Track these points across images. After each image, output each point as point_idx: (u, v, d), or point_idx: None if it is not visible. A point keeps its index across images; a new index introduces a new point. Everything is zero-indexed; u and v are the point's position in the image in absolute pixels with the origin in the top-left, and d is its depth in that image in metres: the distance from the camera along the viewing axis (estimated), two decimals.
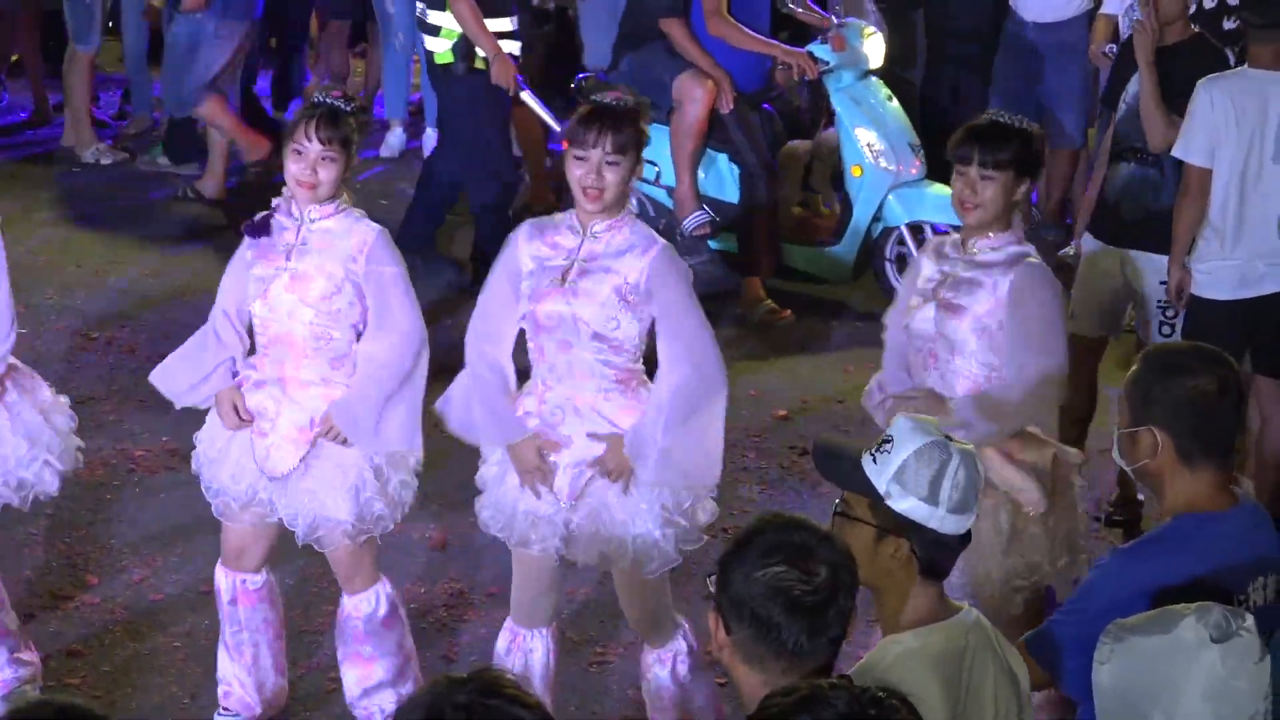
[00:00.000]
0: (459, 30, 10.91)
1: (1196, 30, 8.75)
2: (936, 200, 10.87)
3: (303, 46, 14.73)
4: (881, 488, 4.52)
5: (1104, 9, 11.31)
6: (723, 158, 11.25)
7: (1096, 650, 4.40)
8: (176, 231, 12.27)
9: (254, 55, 13.63)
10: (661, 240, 6.48)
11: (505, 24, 11.05)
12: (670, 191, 11.17)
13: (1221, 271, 8.12)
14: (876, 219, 11.32)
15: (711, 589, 4.19)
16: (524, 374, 6.64)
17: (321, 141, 6.59)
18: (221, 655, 7.04)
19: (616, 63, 11.34)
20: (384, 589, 6.97)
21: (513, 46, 11.10)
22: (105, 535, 8.41)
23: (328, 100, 6.72)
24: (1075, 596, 5.13)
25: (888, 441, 4.58)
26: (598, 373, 6.43)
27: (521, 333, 6.58)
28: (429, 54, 11.31)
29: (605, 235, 6.39)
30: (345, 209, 6.74)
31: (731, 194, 11.23)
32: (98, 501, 8.59)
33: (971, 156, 6.54)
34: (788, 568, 4.04)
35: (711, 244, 11.12)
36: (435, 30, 11.15)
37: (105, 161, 13.35)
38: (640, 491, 6.44)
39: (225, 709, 7.05)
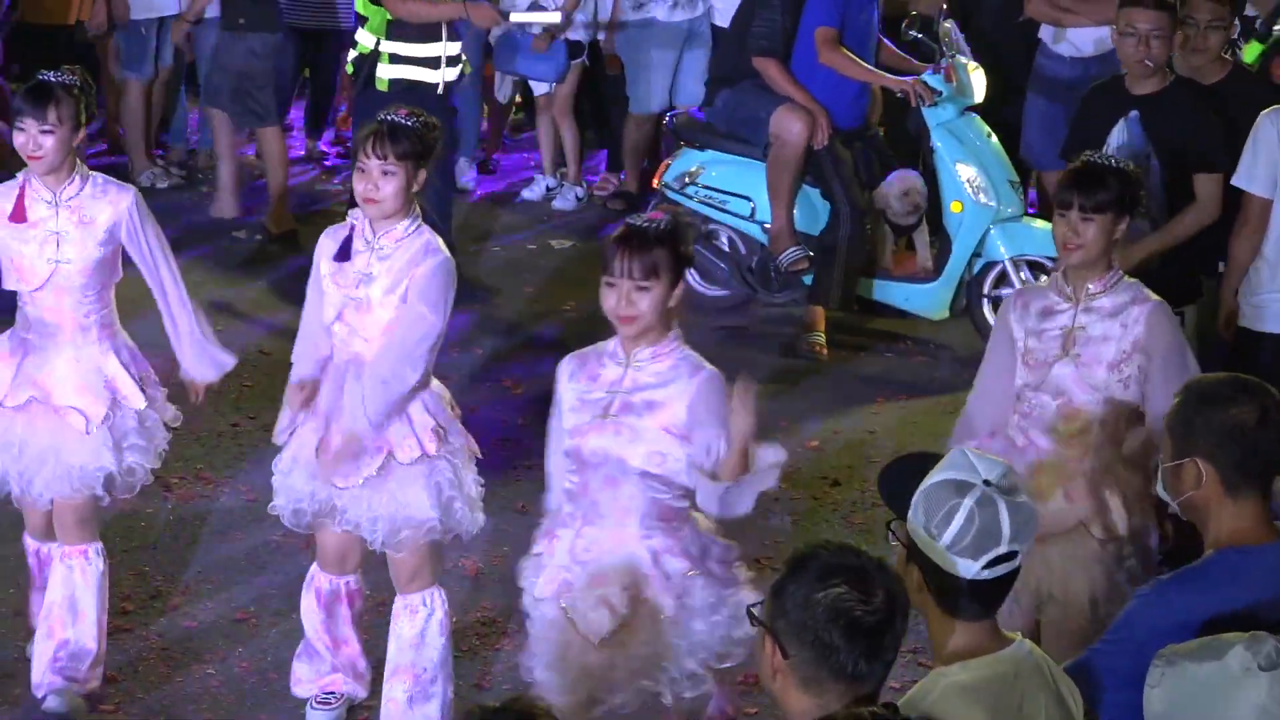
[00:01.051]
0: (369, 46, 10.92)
1: (1231, 61, 8.57)
2: (1040, 235, 10.73)
3: (336, 77, 14.58)
4: (911, 510, 4.45)
5: None
6: (815, 193, 11.11)
7: (1148, 674, 4.36)
8: (225, 257, 12.19)
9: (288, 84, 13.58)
10: (707, 368, 6.00)
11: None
12: (764, 227, 11.02)
13: (1273, 305, 7.95)
14: (976, 254, 11.15)
15: (758, 615, 4.13)
16: None
17: (379, 157, 6.59)
18: (311, 657, 7.11)
19: (711, 99, 11.33)
20: (440, 592, 7.02)
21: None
22: (140, 563, 8.28)
23: (390, 118, 6.72)
24: (1116, 627, 5.09)
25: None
26: (643, 510, 6.01)
27: None
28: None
29: (649, 364, 5.98)
30: (417, 227, 6.73)
31: (821, 229, 11.08)
32: (130, 529, 8.45)
33: (1072, 201, 6.52)
34: (848, 589, 3.99)
35: (806, 280, 10.97)
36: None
37: (161, 185, 13.29)
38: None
39: (328, 695, 7.14)
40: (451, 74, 10.93)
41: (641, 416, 5.92)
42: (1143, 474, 6.54)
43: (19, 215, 6.96)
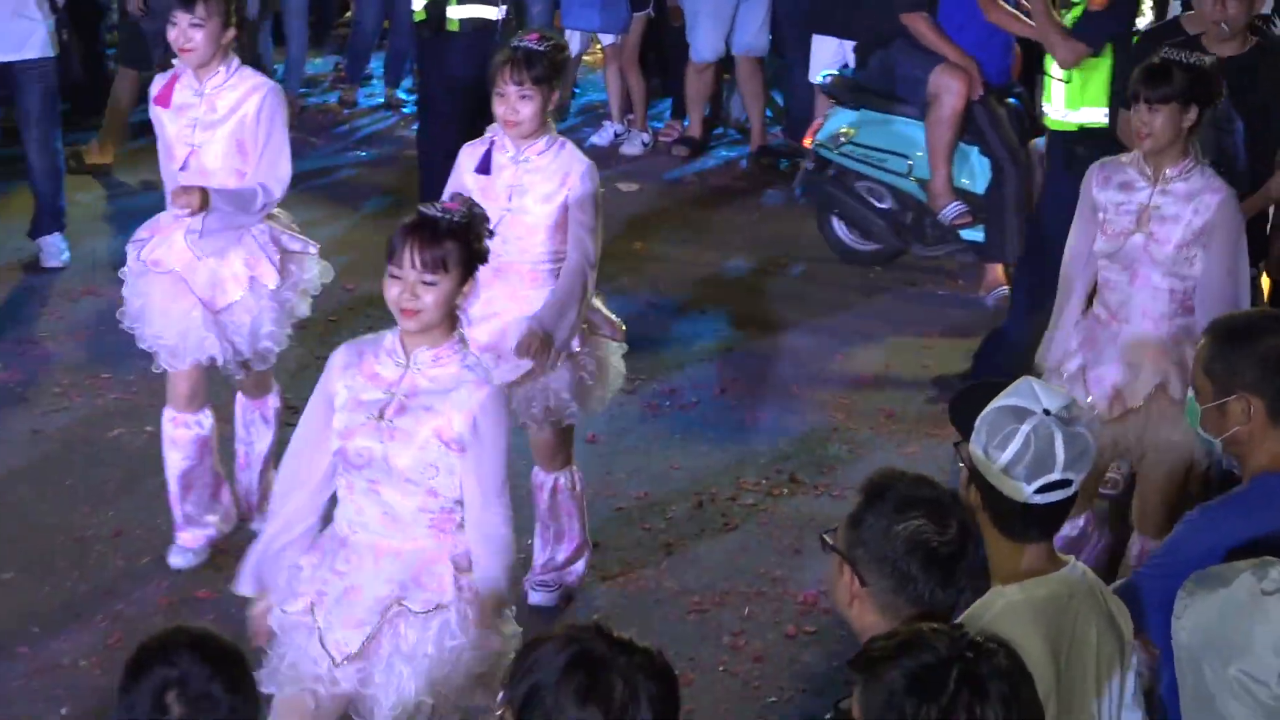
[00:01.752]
0: None
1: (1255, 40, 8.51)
2: None
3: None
4: (974, 433, 4.50)
5: None
6: (974, 150, 10.92)
7: (1175, 605, 4.36)
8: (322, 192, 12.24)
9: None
10: (492, 384, 5.48)
11: None
12: (923, 184, 10.88)
13: None
14: None
15: (831, 542, 4.16)
16: None
17: (516, 82, 6.90)
18: None
19: (865, 61, 11.16)
20: (577, 470, 7.41)
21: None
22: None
23: (523, 44, 6.99)
24: (1162, 551, 5.10)
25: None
26: (408, 519, 5.47)
27: None
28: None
29: (429, 368, 5.42)
30: (560, 142, 7.12)
31: (981, 186, 10.85)
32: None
33: (1139, 94, 6.75)
34: (926, 521, 4.03)
35: (964, 234, 10.89)
36: None
37: None
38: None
39: None
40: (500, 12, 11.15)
41: (418, 421, 5.36)
42: None
43: (164, 100, 7.26)
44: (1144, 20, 10.98)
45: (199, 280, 7.28)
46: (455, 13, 10.98)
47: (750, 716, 6.78)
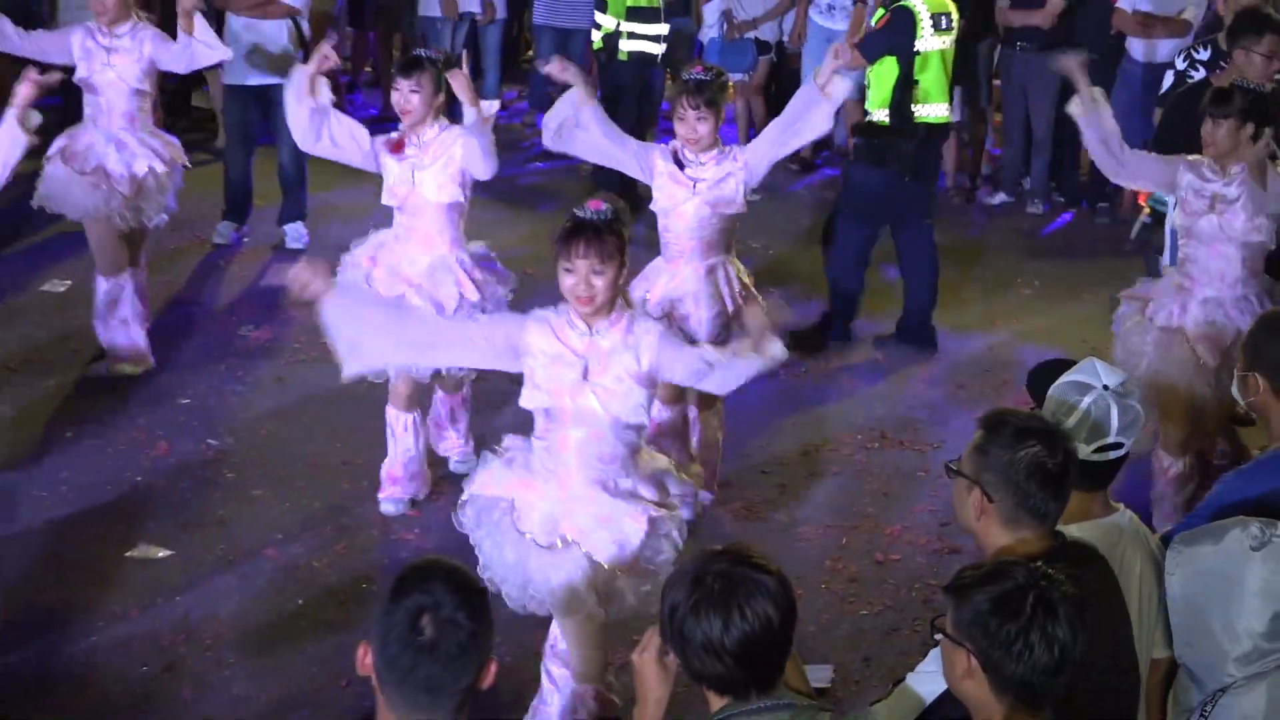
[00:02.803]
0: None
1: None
2: None
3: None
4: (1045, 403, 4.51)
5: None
6: None
7: (1166, 562, 4.31)
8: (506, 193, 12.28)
9: None
10: (652, 319, 5.65)
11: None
12: None
13: None
14: None
15: (957, 468, 4.16)
16: None
17: (694, 107, 7.06)
18: None
19: None
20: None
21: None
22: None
23: (693, 75, 7.12)
24: (1200, 505, 5.02)
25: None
26: (609, 454, 5.38)
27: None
28: None
29: (608, 331, 5.31)
30: (728, 152, 7.21)
31: None
32: None
33: (1207, 111, 6.95)
34: (1041, 448, 4.03)
35: None
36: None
37: None
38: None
39: None
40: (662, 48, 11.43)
41: (609, 370, 5.28)
42: None
43: (398, 149, 7.25)
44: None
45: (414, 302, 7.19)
46: (625, 46, 11.28)
47: (845, 626, 6.76)
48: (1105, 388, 4.43)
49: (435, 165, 7.21)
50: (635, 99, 11.85)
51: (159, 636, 6.48)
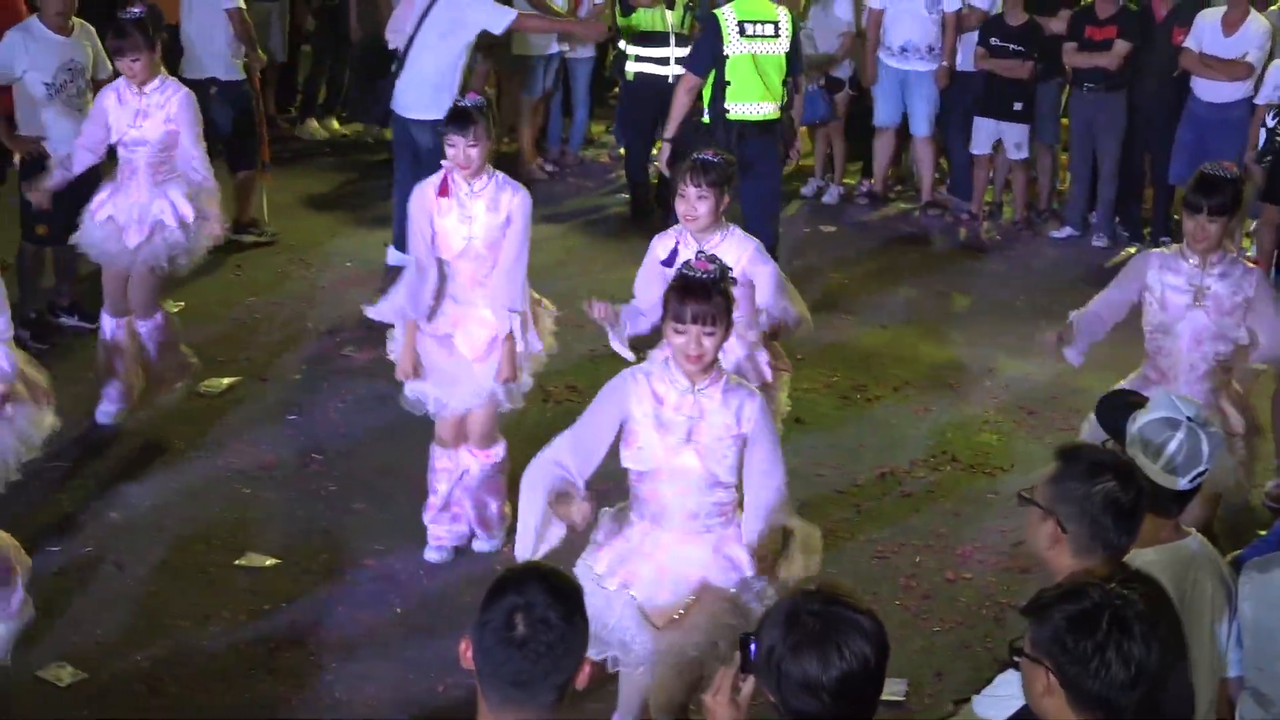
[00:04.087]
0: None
1: None
2: None
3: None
4: (1128, 435, 4.44)
5: (1257, 99, 11.06)
6: None
7: (1239, 587, 4.28)
8: (590, 227, 12.33)
9: None
10: (755, 391, 5.30)
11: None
12: None
13: None
14: None
15: (1030, 497, 4.11)
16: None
17: (694, 185, 6.59)
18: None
19: None
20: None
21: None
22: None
23: (702, 157, 6.67)
24: (1267, 535, 4.96)
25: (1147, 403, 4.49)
26: (706, 511, 5.25)
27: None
28: None
29: (709, 389, 5.18)
30: (729, 229, 6.72)
31: None
32: (519, 426, 8.55)
33: (1195, 204, 6.48)
34: (1116, 483, 3.99)
35: None
36: None
37: (539, 177, 13.16)
38: None
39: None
40: (679, 70, 11.05)
41: (713, 433, 5.16)
42: (1244, 393, 6.79)
43: (444, 191, 6.88)
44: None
45: (467, 343, 7.06)
46: (631, 67, 12.20)
47: (918, 641, 6.71)
48: (1189, 419, 4.40)
49: (487, 216, 6.91)
50: (652, 112, 11.91)
51: (265, 641, 6.52)
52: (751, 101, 9.52)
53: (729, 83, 9.48)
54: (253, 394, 8.78)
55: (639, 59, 12.23)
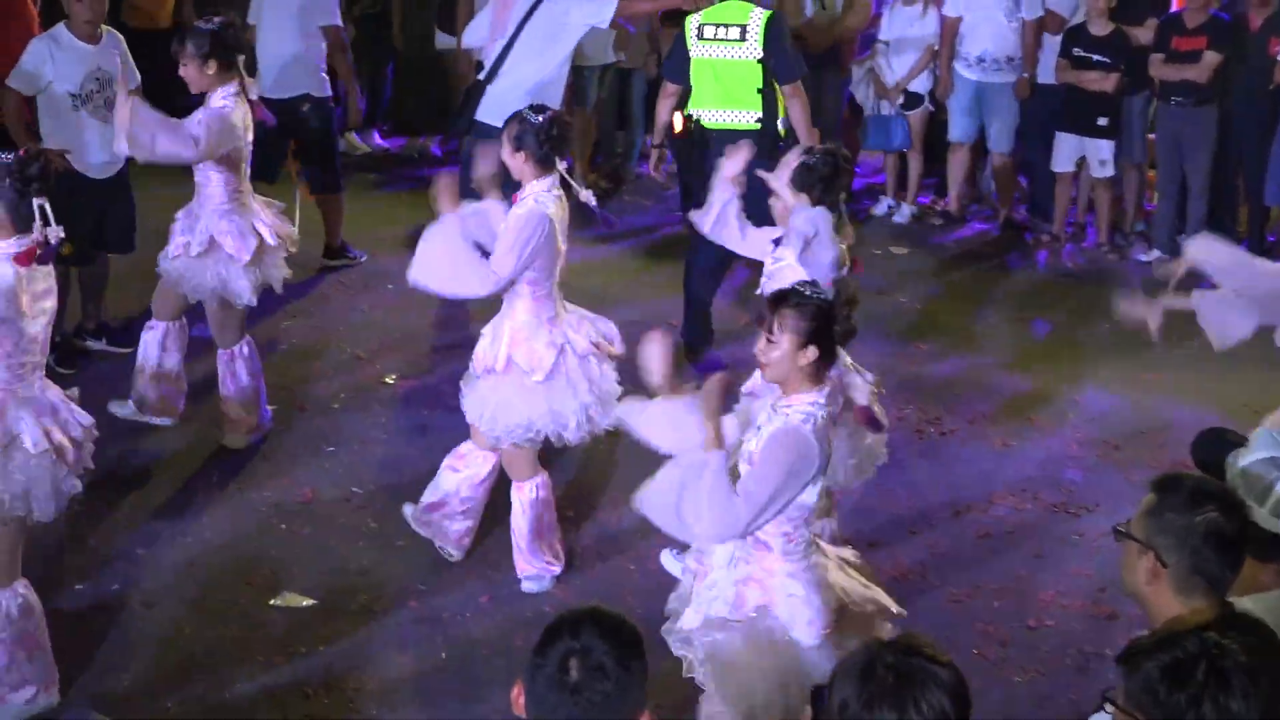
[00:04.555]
0: None
1: None
2: None
3: None
4: (1229, 473, 4.43)
5: None
6: None
7: None
8: (638, 244, 12.39)
9: None
10: (793, 424, 5.16)
11: None
12: None
13: None
14: None
15: (1126, 531, 4.11)
16: None
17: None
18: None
19: None
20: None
21: None
22: (582, 479, 8.41)
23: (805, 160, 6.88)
24: None
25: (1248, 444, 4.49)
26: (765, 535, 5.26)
27: None
28: None
29: (782, 408, 5.23)
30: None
31: None
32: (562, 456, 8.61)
33: None
34: (1219, 514, 3.99)
35: None
36: None
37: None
38: None
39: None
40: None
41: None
42: None
43: None
44: None
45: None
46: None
47: (996, 693, 6.69)
48: None
49: None
50: None
51: (302, 685, 6.56)
52: (711, 109, 9.58)
53: (693, 88, 9.63)
54: (288, 424, 8.85)
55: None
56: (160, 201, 8.36)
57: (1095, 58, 12.19)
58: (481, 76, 9.92)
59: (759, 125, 9.50)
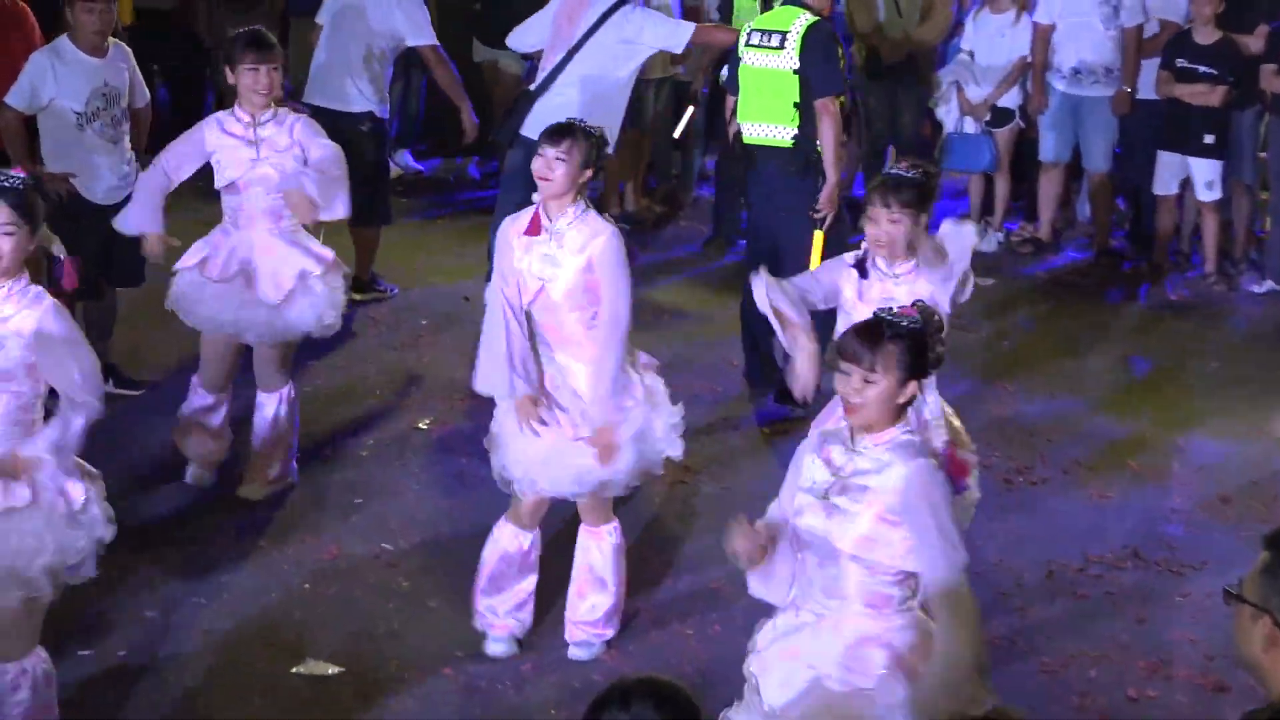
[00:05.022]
0: None
1: None
2: None
3: None
4: None
5: None
6: None
7: None
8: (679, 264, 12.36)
9: None
10: (923, 457, 5.16)
11: None
12: None
13: None
14: None
15: (1238, 594, 4.02)
16: None
17: (884, 206, 6.87)
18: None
19: None
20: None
21: None
22: (648, 541, 8.35)
23: (894, 171, 6.97)
24: None
25: None
26: (851, 592, 5.19)
27: None
28: None
29: (871, 450, 5.15)
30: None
31: None
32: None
33: None
34: None
35: None
36: None
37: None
38: None
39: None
40: None
41: (857, 501, 5.11)
42: None
43: (534, 229, 6.86)
44: None
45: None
46: None
47: None
48: None
49: (573, 262, 6.84)
50: None
51: None
52: (750, 121, 9.61)
53: (739, 98, 9.71)
54: (313, 474, 8.82)
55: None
56: (173, 230, 8.33)
57: (1201, 69, 12.12)
58: (532, 88, 9.93)
59: (793, 143, 9.47)
